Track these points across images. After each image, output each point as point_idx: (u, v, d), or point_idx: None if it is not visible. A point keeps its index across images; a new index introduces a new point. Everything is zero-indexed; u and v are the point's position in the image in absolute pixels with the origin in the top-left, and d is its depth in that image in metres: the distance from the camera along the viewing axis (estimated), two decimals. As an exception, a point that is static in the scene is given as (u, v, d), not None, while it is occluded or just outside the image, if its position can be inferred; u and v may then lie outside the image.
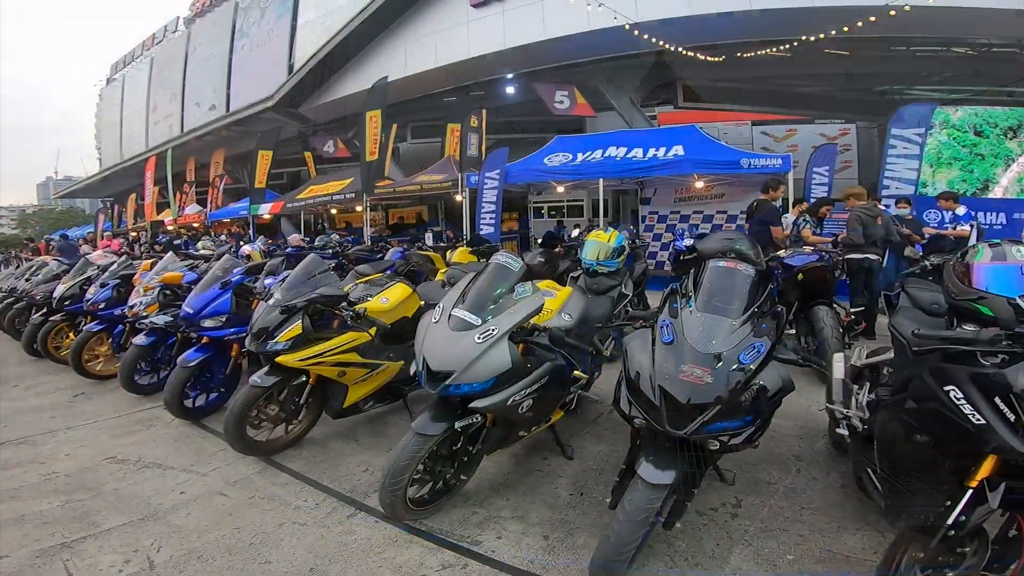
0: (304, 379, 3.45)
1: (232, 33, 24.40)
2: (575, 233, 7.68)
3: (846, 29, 11.44)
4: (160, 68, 30.74)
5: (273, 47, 21.64)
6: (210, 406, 4.26)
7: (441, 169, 12.21)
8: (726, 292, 2.21)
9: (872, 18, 10.79)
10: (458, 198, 12.29)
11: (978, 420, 1.64)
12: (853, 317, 4.99)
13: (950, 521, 1.65)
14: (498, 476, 3.28)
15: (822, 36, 11.71)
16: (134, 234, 21.31)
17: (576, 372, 2.94)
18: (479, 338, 2.44)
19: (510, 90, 16.37)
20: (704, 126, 11.44)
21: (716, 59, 12.86)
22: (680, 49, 11.89)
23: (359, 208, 13.60)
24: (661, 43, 11.72)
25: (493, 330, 2.45)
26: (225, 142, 22.48)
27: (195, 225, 17.39)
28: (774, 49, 12.70)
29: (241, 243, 11.58)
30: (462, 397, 2.49)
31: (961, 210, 7.18)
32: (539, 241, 7.33)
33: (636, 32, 11.41)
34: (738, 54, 13.29)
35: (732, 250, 3.55)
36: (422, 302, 3.94)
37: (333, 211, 15.88)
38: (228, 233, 16.00)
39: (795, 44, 11.86)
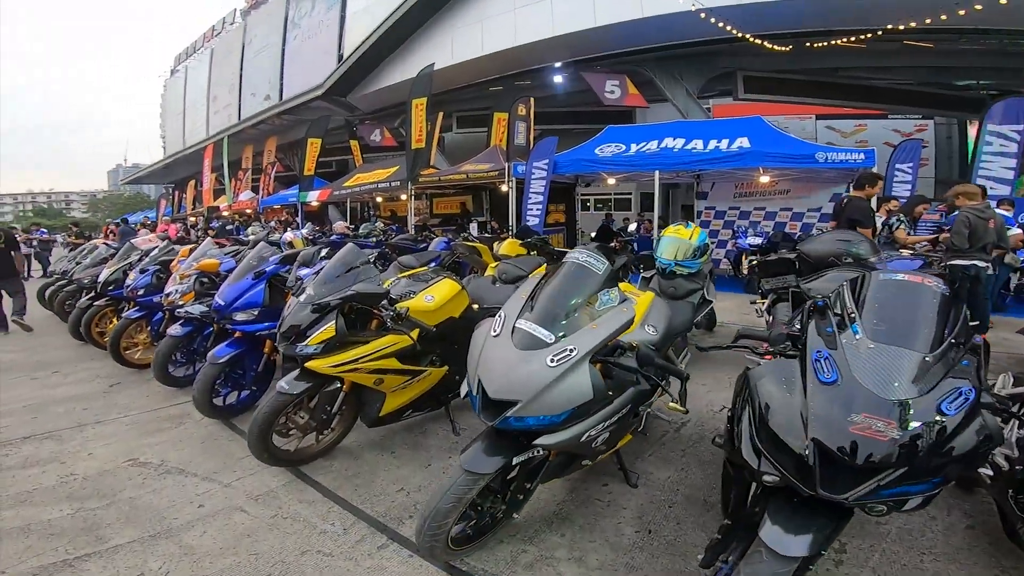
0: (337, 386, 3.01)
1: (285, 24, 24.53)
2: (632, 227, 7.02)
3: (928, 21, 10.29)
4: (219, 59, 31.38)
5: (323, 37, 21.61)
6: (241, 405, 3.91)
7: (487, 158, 11.71)
8: (908, 315, 1.62)
9: (961, 12, 9.65)
10: (503, 188, 11.80)
11: None
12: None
13: None
14: (551, 505, 2.79)
15: (902, 28, 10.59)
16: (192, 219, 21.78)
17: None
18: (553, 360, 1.91)
19: (558, 79, 15.67)
20: (764, 119, 10.52)
21: (784, 49, 11.85)
22: (748, 36, 10.95)
23: (403, 197, 13.26)
24: (730, 29, 10.81)
25: (571, 351, 1.92)
26: (277, 130, 22.68)
27: (248, 211, 17.52)
28: (848, 40, 11.60)
29: (288, 230, 11.41)
30: (525, 431, 1.97)
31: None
32: (592, 235, 6.71)
33: (703, 15, 10.54)
34: (807, 44, 12.23)
35: (848, 253, 2.88)
36: (471, 302, 3.42)
37: (379, 199, 15.63)
38: (278, 220, 16.00)
39: (878, 34, 10.74)
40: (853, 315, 1.67)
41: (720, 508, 2.52)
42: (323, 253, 4.20)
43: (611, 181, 11.03)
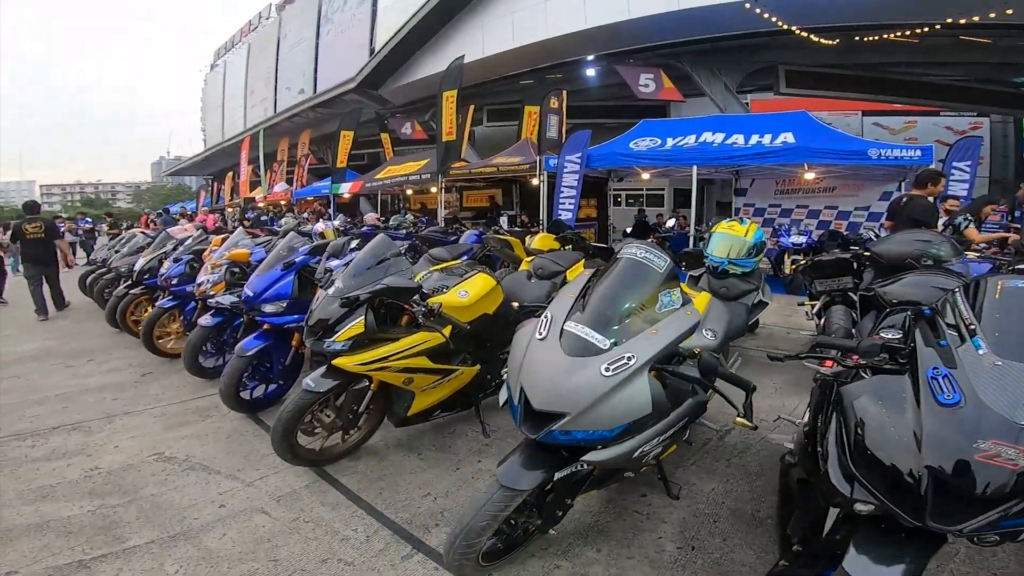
0: (366, 384, 2.83)
1: (318, 19, 24.70)
2: (670, 223, 6.67)
3: (992, 16, 9.58)
4: (256, 54, 31.87)
5: (355, 32, 21.66)
6: (267, 399, 3.79)
7: (518, 152, 11.45)
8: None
9: (1009, 11, 8.94)
10: (534, 182, 11.53)
11: None
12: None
13: None
14: (586, 517, 2.57)
15: (963, 22, 9.88)
16: (230, 210, 22.13)
17: None
18: (608, 369, 1.68)
19: (590, 72, 15.26)
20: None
21: (831, 42, 11.24)
22: (796, 29, 10.39)
23: (434, 189, 13.11)
24: (777, 21, 10.28)
25: (630, 359, 1.68)
26: (311, 123, 22.85)
27: (282, 203, 17.68)
28: (900, 34, 10.91)
29: (320, 220, 11.39)
30: (571, 445, 1.75)
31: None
32: (627, 231, 6.41)
33: (747, 6, 10.04)
34: (856, 38, 11.57)
35: (927, 255, 2.56)
36: (506, 298, 3.20)
37: (409, 192, 15.54)
38: (311, 211, 16.09)
39: (935, 28, 10.06)
40: (972, 327, 1.40)
41: (775, 527, 2.32)
42: (353, 244, 4.03)
43: (645, 176, 10.64)
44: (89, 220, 15.99)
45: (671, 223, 6.61)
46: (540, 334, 1.83)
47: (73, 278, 8.60)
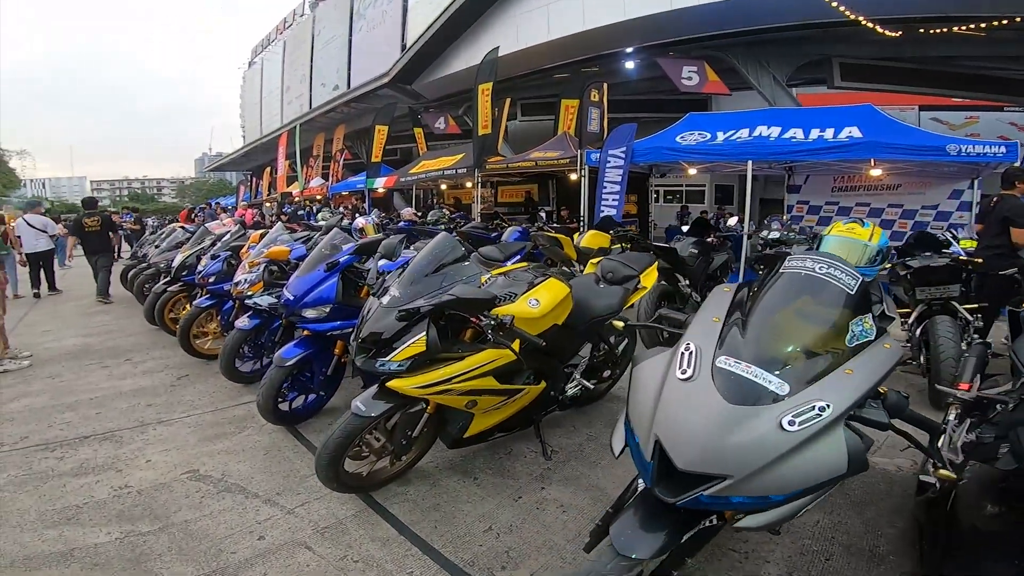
0: (422, 406, 2.45)
1: (351, 15, 24.48)
2: (732, 221, 6.11)
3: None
4: (291, 51, 31.95)
5: (387, 27, 21.38)
6: (307, 410, 3.46)
7: (556, 146, 10.98)
8: None
9: None
10: (573, 177, 11.05)
11: None
12: None
13: None
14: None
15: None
16: (267, 205, 22.24)
17: None
18: (793, 422, 1.27)
19: (629, 65, 14.59)
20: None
21: (894, 34, 10.39)
22: (861, 19, 9.60)
23: (469, 184, 12.75)
24: (844, 10, 9.50)
25: (822, 409, 1.27)
26: (346, 119, 22.73)
27: (317, 197, 17.59)
28: (966, 27, 10.01)
29: (358, 215, 11.13)
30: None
31: None
32: (684, 228, 5.91)
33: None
34: (920, 30, 10.68)
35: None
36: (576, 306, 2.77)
37: (443, 187, 15.22)
38: (346, 206, 15.92)
39: (1002, 23, 9.18)
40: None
41: (916, 561, 2.06)
42: (398, 243, 3.63)
43: (692, 171, 10.06)
44: (131, 215, 16.13)
45: (733, 221, 6.03)
46: (683, 372, 1.40)
47: (115, 272, 8.55)
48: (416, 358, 2.21)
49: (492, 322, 2.23)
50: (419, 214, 10.60)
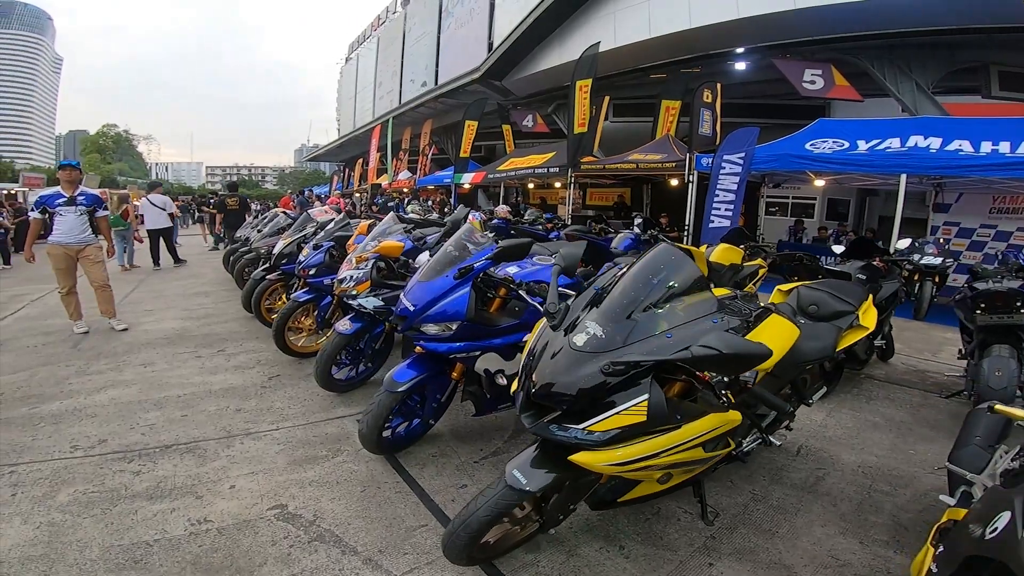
0: (591, 477, 1.71)
1: (440, 12, 24.30)
2: (902, 244, 4.91)
3: None
4: (383, 47, 32.41)
5: (474, 25, 20.98)
6: (409, 437, 2.84)
7: (658, 148, 9.94)
8: None
9: None
10: (673, 182, 10.01)
11: None
12: None
13: None
14: None
15: None
16: (357, 195, 22.56)
17: None
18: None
19: (739, 66, 13.14)
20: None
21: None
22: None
23: (558, 184, 11.94)
24: None
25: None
26: (433, 114, 22.57)
27: (404, 190, 17.45)
28: None
29: (444, 210, 10.64)
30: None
31: None
32: (839, 250, 4.80)
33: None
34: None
35: None
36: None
37: (530, 185, 14.50)
38: (433, 199, 15.61)
39: None
40: None
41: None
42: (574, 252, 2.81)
43: (819, 183, 8.74)
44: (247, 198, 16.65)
45: (904, 243, 4.81)
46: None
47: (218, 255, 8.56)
48: (626, 430, 1.45)
49: (725, 379, 1.45)
50: (513, 212, 9.91)
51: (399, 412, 2.72)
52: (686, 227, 8.42)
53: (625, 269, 1.74)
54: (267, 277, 4.92)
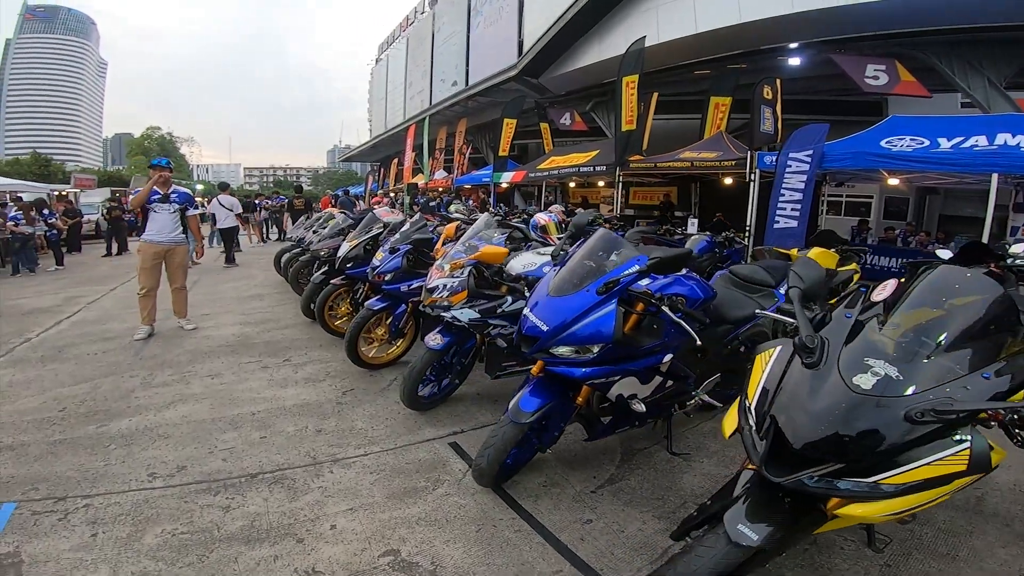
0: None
1: (468, 12, 23.92)
2: (1018, 248, 4.35)
3: None
4: (413, 47, 32.18)
5: (503, 24, 20.52)
6: (517, 465, 2.51)
7: (712, 146, 9.39)
8: None
9: None
10: (727, 180, 9.48)
11: None
12: None
13: None
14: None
15: None
16: (393, 194, 22.40)
17: None
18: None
19: (794, 62, 12.44)
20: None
21: None
22: None
23: (600, 183, 11.48)
24: None
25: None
26: (467, 113, 22.26)
27: (439, 189, 17.16)
28: None
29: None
30: None
31: None
32: (946, 255, 4.27)
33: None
34: None
35: None
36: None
37: (572, 185, 14.02)
38: (475, 199, 15.28)
39: None
40: None
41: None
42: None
43: (893, 182, 8.13)
44: (283, 198, 16.60)
45: (1020, 247, 4.27)
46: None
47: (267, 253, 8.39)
48: (930, 481, 1.17)
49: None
50: (565, 212, 9.49)
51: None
52: (747, 228, 7.89)
53: (884, 292, 1.39)
54: (331, 282, 4.62)
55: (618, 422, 2.40)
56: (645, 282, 2.27)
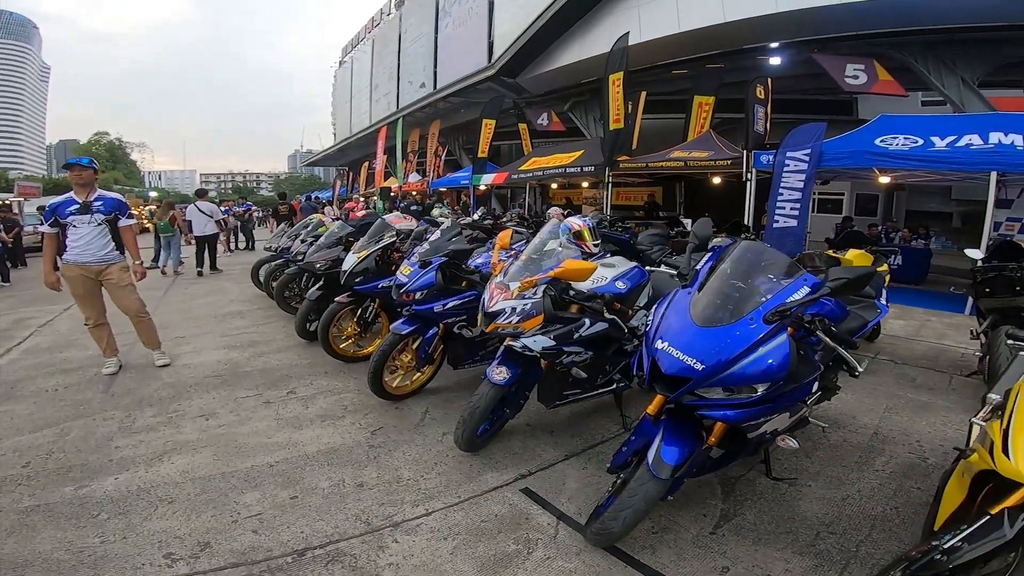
0: None
1: (436, 13, 23.32)
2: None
3: None
4: (379, 49, 31.21)
5: (473, 25, 20.05)
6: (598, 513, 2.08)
7: (703, 145, 9.26)
8: None
9: None
10: (715, 180, 9.38)
11: None
12: None
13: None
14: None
15: None
16: (364, 198, 21.51)
17: None
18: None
19: (775, 61, 12.49)
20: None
21: None
22: None
23: (585, 184, 11.18)
24: None
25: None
26: (440, 114, 21.63)
27: (415, 192, 16.48)
28: None
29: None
30: None
31: None
32: (977, 255, 4.13)
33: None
34: None
35: None
36: None
37: (553, 186, 13.67)
38: (450, 201, 14.71)
39: None
40: None
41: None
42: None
43: (884, 180, 8.15)
44: (250, 204, 15.52)
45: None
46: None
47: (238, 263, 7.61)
48: None
49: None
50: (565, 213, 9.13)
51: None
52: (747, 227, 7.74)
53: None
54: (336, 299, 4.03)
55: (738, 454, 2.07)
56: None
